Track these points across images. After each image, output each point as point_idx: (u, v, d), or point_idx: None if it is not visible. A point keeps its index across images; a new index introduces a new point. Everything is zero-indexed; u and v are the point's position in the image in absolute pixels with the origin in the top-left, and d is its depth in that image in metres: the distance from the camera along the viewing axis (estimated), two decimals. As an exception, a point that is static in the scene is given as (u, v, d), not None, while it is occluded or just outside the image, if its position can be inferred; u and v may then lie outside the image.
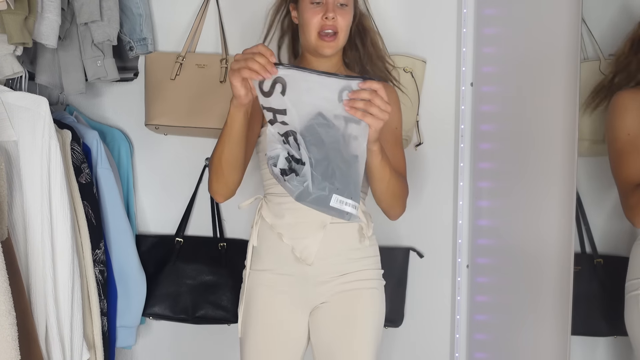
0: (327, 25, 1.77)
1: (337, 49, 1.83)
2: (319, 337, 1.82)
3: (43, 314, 1.72)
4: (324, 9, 1.77)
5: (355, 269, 1.83)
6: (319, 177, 1.50)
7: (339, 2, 1.80)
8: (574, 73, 1.72)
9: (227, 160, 1.70)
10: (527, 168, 1.98)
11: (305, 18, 1.80)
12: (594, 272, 1.90)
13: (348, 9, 1.82)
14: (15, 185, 1.69)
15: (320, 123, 1.51)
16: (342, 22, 1.79)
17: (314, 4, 1.79)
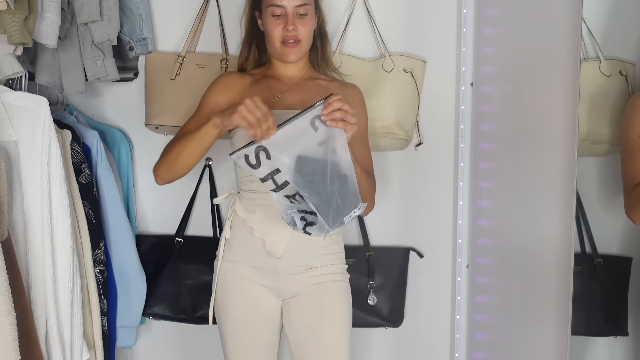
0: (288, 36, 1.88)
1: (302, 54, 1.94)
2: (292, 329, 1.90)
3: (43, 314, 1.72)
4: (284, 21, 1.87)
5: (322, 264, 1.89)
6: (330, 216, 1.68)
7: (299, 12, 1.88)
8: (574, 73, 1.72)
9: (184, 161, 1.85)
10: (527, 168, 1.98)
11: (268, 30, 1.91)
12: (594, 272, 1.90)
13: (308, 17, 1.90)
14: (15, 185, 1.69)
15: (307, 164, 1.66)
16: (303, 31, 1.89)
17: (275, 17, 1.88)
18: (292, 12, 1.87)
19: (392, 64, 2.24)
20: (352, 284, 2.26)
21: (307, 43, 1.93)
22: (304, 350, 1.88)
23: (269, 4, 1.88)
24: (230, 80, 1.98)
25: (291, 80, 1.97)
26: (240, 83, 1.97)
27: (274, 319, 1.91)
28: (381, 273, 2.30)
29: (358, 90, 2.04)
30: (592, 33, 1.89)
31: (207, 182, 2.35)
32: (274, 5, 1.88)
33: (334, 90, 1.93)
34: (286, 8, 1.87)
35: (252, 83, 1.98)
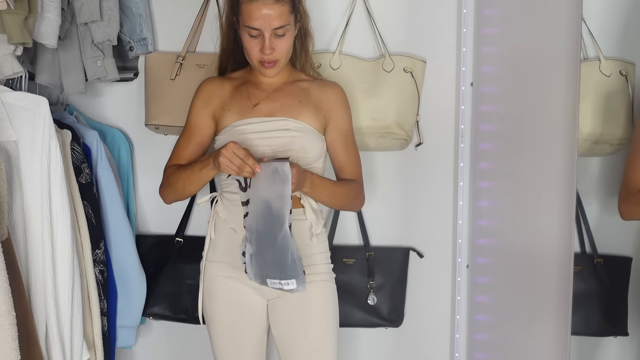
0: (264, 58, 1.84)
1: (280, 69, 1.91)
2: (277, 329, 1.91)
3: (43, 314, 1.72)
4: (261, 42, 1.82)
5: (307, 264, 1.88)
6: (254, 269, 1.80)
7: (276, 33, 1.82)
8: (574, 73, 1.72)
9: (190, 192, 1.93)
10: (527, 168, 1.98)
11: (246, 47, 1.86)
12: (594, 272, 1.90)
13: (287, 35, 1.84)
14: (15, 185, 1.69)
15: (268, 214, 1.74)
16: (281, 51, 1.84)
17: (252, 37, 1.83)
18: (269, 35, 1.81)
19: (392, 64, 2.24)
20: (352, 284, 2.27)
21: (286, 58, 1.89)
22: (290, 349, 1.89)
23: (245, 25, 1.81)
24: (211, 91, 1.95)
25: (271, 86, 1.95)
26: (221, 93, 1.95)
27: (260, 318, 1.92)
28: (381, 273, 2.30)
29: (339, 89, 2.01)
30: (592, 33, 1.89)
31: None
32: (250, 28, 1.81)
33: (314, 91, 1.96)
34: (262, 30, 1.80)
35: (232, 91, 1.95)
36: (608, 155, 1.91)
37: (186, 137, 1.95)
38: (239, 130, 1.88)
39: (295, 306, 1.89)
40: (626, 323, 1.86)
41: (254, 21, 1.79)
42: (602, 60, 1.90)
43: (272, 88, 1.95)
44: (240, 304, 1.90)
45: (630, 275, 1.87)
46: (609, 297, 1.90)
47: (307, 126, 1.91)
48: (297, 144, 1.87)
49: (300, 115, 1.91)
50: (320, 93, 1.96)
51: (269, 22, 1.79)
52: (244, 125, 1.89)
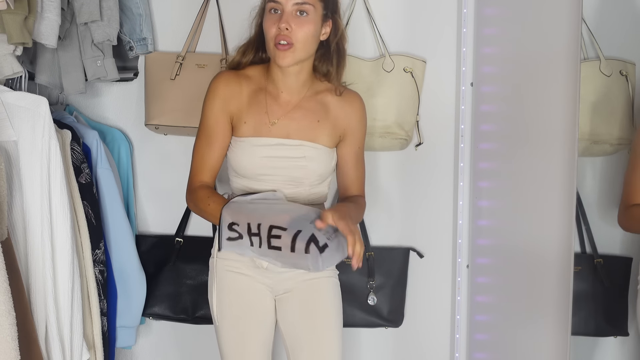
0: (280, 35, 1.73)
1: (295, 60, 1.78)
2: (285, 324, 1.91)
3: (43, 314, 1.72)
4: (280, 17, 1.73)
5: None
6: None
7: (298, 9, 1.73)
8: (574, 73, 1.72)
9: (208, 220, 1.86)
10: (527, 168, 1.98)
11: (264, 28, 1.78)
12: (594, 272, 1.90)
13: (308, 19, 1.74)
14: (15, 185, 1.69)
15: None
16: (298, 33, 1.73)
17: (272, 12, 1.75)
18: (289, 10, 1.73)
19: (392, 64, 2.24)
20: (352, 284, 2.27)
21: (302, 48, 1.76)
22: (297, 344, 1.90)
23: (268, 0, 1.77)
24: (228, 94, 1.85)
25: (290, 102, 1.86)
26: (238, 99, 1.85)
27: (268, 313, 1.92)
28: (381, 273, 2.30)
29: (359, 104, 1.94)
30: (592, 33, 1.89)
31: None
32: (272, 1, 1.75)
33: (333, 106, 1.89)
34: (283, 5, 1.73)
35: (249, 97, 1.86)
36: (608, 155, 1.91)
37: (206, 142, 1.86)
38: (254, 151, 1.84)
39: (302, 302, 1.90)
40: (626, 323, 1.86)
41: None
42: (602, 60, 1.90)
43: (292, 105, 1.86)
44: (248, 299, 1.90)
45: (630, 275, 1.87)
46: (609, 297, 1.90)
47: (323, 147, 1.87)
48: (310, 169, 1.86)
49: (317, 138, 1.86)
50: (339, 109, 1.90)
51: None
52: (259, 147, 1.84)
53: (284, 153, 1.84)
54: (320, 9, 1.78)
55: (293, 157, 1.84)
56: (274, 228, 1.65)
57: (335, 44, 1.87)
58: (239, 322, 1.90)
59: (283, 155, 1.84)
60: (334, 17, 1.84)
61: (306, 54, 1.80)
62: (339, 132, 1.91)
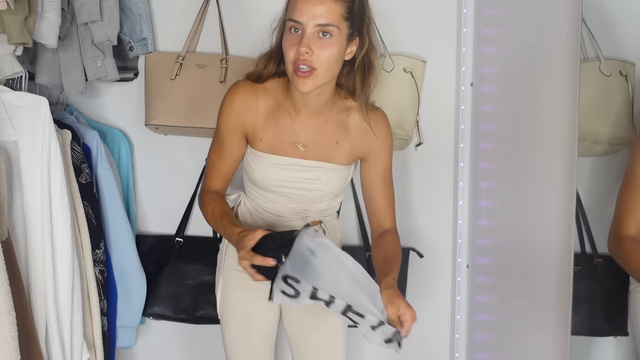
0: (299, 60, 1.57)
1: (317, 86, 1.62)
2: (290, 324, 1.92)
3: (43, 314, 1.72)
4: (300, 39, 1.56)
5: None
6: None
7: (321, 30, 1.55)
8: (574, 73, 1.72)
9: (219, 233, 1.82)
10: (527, 168, 1.98)
11: (284, 48, 1.61)
12: (594, 272, 1.90)
13: (332, 41, 1.57)
14: (15, 185, 1.69)
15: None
16: (321, 58, 1.57)
17: (293, 33, 1.58)
18: (311, 32, 1.55)
19: (392, 64, 2.24)
20: (352, 284, 2.27)
21: (324, 73, 1.60)
22: (302, 344, 1.90)
23: (288, 18, 1.60)
24: (243, 109, 1.74)
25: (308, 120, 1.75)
26: (254, 115, 1.74)
27: (272, 310, 1.93)
28: (381, 273, 2.30)
29: (384, 122, 1.81)
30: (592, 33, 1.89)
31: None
32: (292, 20, 1.57)
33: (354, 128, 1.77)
34: (304, 25, 1.55)
35: (266, 114, 1.75)
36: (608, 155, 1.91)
37: (218, 151, 1.80)
38: (268, 168, 1.78)
39: None
40: (626, 323, 1.86)
41: (297, 12, 1.55)
42: (602, 60, 1.90)
43: (310, 125, 1.75)
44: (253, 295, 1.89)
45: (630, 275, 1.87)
46: (609, 297, 1.90)
47: (339, 167, 1.80)
48: (325, 191, 1.81)
49: (334, 158, 1.78)
50: (361, 130, 1.78)
51: (312, 15, 1.54)
52: (274, 165, 1.78)
53: (299, 174, 1.78)
54: (345, 29, 1.60)
55: (308, 179, 1.79)
56: (351, 312, 1.56)
57: (360, 60, 1.69)
58: (244, 317, 1.91)
59: (298, 176, 1.78)
60: (362, 33, 1.67)
61: (328, 78, 1.64)
62: (359, 152, 1.81)
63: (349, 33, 1.62)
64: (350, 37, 1.63)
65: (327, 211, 1.89)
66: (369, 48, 1.68)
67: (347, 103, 1.78)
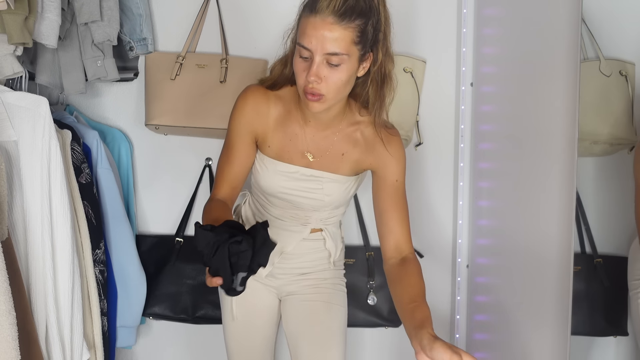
0: (308, 87, 1.55)
1: (326, 107, 1.62)
2: (289, 325, 1.92)
3: (43, 314, 1.71)
4: (309, 67, 1.53)
5: (318, 270, 1.92)
6: None
7: (329, 60, 1.52)
8: (574, 73, 1.72)
9: None
10: (527, 168, 1.98)
11: (295, 71, 1.60)
12: (594, 272, 1.90)
13: (341, 68, 1.53)
14: (15, 185, 1.69)
15: None
16: (329, 85, 1.54)
17: (303, 59, 1.55)
18: (319, 60, 1.51)
19: (392, 64, 2.23)
20: (352, 284, 2.27)
21: (334, 97, 1.59)
22: (299, 346, 1.90)
23: (298, 42, 1.55)
24: (255, 114, 1.72)
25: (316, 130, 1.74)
26: (265, 121, 1.72)
27: (272, 315, 1.94)
28: (381, 273, 2.30)
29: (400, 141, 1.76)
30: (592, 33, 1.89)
31: (207, 182, 2.35)
32: (302, 46, 1.53)
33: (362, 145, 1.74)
34: (313, 53, 1.51)
35: (276, 121, 1.74)
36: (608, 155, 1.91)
37: (227, 157, 1.74)
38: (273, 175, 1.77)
39: (306, 304, 1.91)
40: (626, 323, 1.86)
41: (306, 39, 1.51)
42: (602, 60, 1.90)
43: (318, 136, 1.74)
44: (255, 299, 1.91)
45: (630, 275, 1.87)
46: (609, 297, 1.90)
47: (342, 178, 1.78)
48: (327, 201, 1.81)
49: (339, 169, 1.76)
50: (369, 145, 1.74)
51: (322, 44, 1.50)
52: (279, 172, 1.76)
53: (302, 183, 1.77)
54: (356, 53, 1.55)
55: (310, 188, 1.78)
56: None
57: (375, 73, 1.64)
58: (245, 320, 1.92)
59: (301, 185, 1.78)
60: (376, 49, 1.60)
61: (338, 100, 1.63)
62: (366, 164, 1.77)
63: (361, 55, 1.57)
64: (362, 57, 1.58)
65: (329, 220, 1.89)
66: (383, 60, 1.62)
67: (358, 117, 1.75)
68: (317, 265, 1.93)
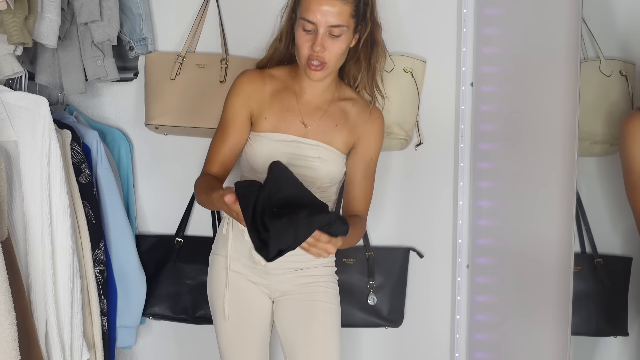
0: (313, 56, 1.76)
1: (327, 75, 1.82)
2: (282, 327, 1.92)
3: (43, 314, 1.72)
4: (313, 38, 1.74)
5: (312, 266, 1.91)
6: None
7: (332, 32, 1.74)
8: (574, 73, 1.72)
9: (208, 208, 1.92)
10: (527, 168, 1.98)
11: (298, 44, 1.79)
12: (594, 272, 1.90)
13: (341, 39, 1.76)
14: (15, 185, 1.69)
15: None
16: (331, 53, 1.76)
17: (306, 32, 1.76)
18: (324, 32, 1.73)
19: (392, 64, 2.24)
20: (352, 284, 2.27)
21: (334, 65, 1.80)
22: (294, 347, 1.90)
23: (302, 17, 1.76)
24: (251, 91, 1.87)
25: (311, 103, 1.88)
26: (260, 96, 1.87)
27: (265, 313, 1.93)
28: (381, 273, 2.30)
29: (379, 117, 1.95)
30: (592, 33, 1.89)
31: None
32: (306, 20, 1.74)
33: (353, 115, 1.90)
34: (317, 25, 1.74)
35: (272, 95, 1.88)
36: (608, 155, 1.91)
37: (221, 135, 1.87)
38: (270, 146, 1.85)
39: (300, 305, 1.90)
40: (626, 323, 1.86)
41: (311, 14, 1.73)
42: (602, 60, 1.90)
43: (313, 105, 1.89)
44: (247, 299, 1.91)
45: (630, 275, 1.87)
46: (609, 297, 1.90)
47: (337, 152, 1.89)
48: (323, 171, 1.87)
49: (333, 141, 1.88)
50: (358, 117, 1.91)
51: (325, 18, 1.72)
52: (276, 142, 1.86)
53: (300, 151, 1.85)
54: (352, 25, 1.78)
55: (308, 157, 1.86)
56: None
57: (365, 40, 1.84)
58: (238, 320, 1.91)
59: (298, 153, 1.85)
60: (365, 20, 1.82)
61: (337, 68, 1.84)
62: (354, 138, 1.91)
63: (355, 26, 1.80)
64: (355, 29, 1.80)
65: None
66: (372, 28, 1.85)
67: (349, 93, 1.93)
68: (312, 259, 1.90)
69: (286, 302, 1.91)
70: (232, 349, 1.93)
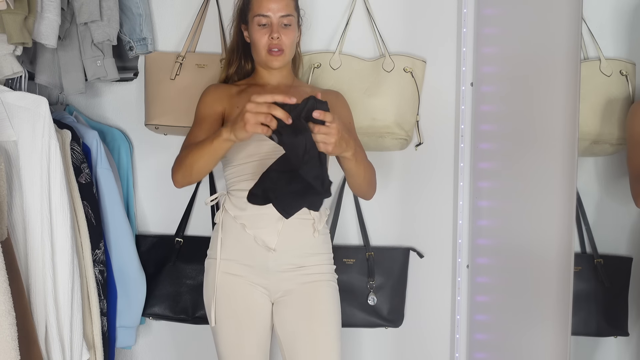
0: (273, 44, 1.97)
1: (285, 62, 2.02)
2: (283, 328, 1.92)
3: (43, 314, 1.72)
4: (269, 30, 1.97)
5: (312, 264, 1.92)
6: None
7: (283, 22, 1.98)
8: (574, 73, 1.72)
9: (199, 170, 1.83)
10: (527, 168, 1.98)
11: (255, 39, 1.99)
12: (594, 272, 1.90)
13: (292, 28, 2.00)
14: (15, 185, 1.69)
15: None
16: (286, 40, 1.99)
17: (261, 26, 1.98)
18: (277, 22, 1.97)
19: (392, 64, 2.24)
20: (352, 284, 2.27)
21: (289, 52, 2.01)
22: (295, 348, 1.90)
23: (255, 14, 1.97)
24: (220, 91, 2.02)
25: (278, 87, 2.03)
26: (228, 93, 2.02)
27: (265, 318, 1.93)
28: (381, 273, 2.30)
29: (341, 95, 2.11)
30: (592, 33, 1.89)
31: (207, 182, 2.35)
32: (260, 15, 1.97)
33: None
34: (271, 18, 1.97)
35: (239, 92, 2.02)
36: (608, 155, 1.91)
37: (197, 126, 1.94)
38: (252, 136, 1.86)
39: (301, 305, 1.90)
40: (626, 323, 1.86)
41: (264, 9, 1.97)
42: (602, 60, 1.90)
43: (279, 91, 1.99)
44: (246, 302, 1.91)
45: (631, 275, 1.87)
46: (609, 297, 1.90)
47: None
48: None
49: None
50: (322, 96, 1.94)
51: (277, 9, 1.97)
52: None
53: None
54: (296, 16, 2.04)
55: None
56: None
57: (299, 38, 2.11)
58: (237, 325, 1.91)
59: None
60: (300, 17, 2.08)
61: (291, 56, 2.06)
62: None
63: (297, 18, 2.05)
64: (298, 20, 2.06)
65: None
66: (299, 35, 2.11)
67: (301, 81, 2.16)
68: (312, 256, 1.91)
69: (287, 302, 1.91)
70: (231, 355, 1.92)
